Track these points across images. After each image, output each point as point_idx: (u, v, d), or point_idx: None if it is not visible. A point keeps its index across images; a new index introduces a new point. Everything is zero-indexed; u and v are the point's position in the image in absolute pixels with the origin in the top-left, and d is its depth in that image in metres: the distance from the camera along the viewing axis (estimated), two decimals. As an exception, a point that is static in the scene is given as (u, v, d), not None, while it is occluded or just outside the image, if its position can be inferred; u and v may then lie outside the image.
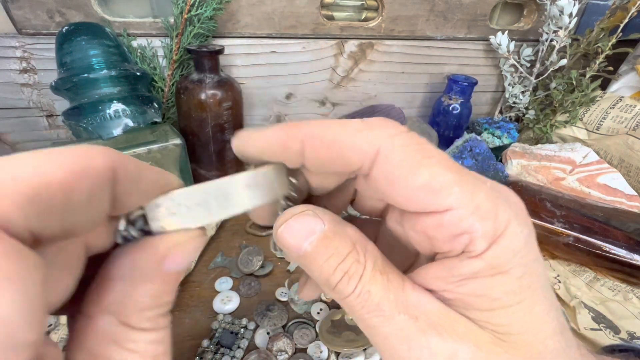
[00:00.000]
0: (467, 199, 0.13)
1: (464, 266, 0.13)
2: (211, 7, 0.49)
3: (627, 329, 0.36)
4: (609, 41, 0.59)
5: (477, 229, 0.13)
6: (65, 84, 0.44)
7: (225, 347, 0.33)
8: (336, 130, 0.14)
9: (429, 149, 0.13)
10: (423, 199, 0.13)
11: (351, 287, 0.14)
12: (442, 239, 0.13)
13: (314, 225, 0.14)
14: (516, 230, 0.13)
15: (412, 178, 0.13)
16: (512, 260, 0.13)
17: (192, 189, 0.13)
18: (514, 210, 0.13)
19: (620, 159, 0.57)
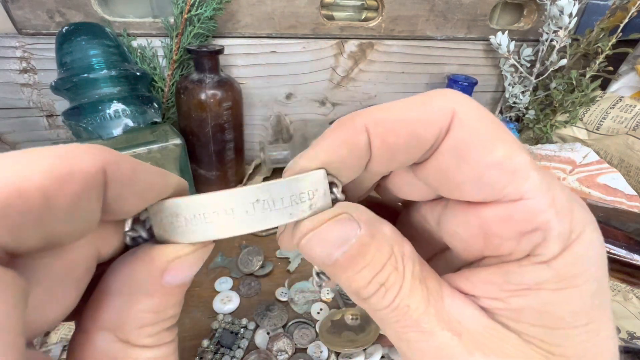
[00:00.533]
0: (544, 189, 0.11)
1: (526, 273, 0.11)
2: (211, 7, 0.49)
3: (627, 329, 0.36)
4: (609, 41, 0.59)
5: (554, 227, 0.10)
6: (65, 84, 0.44)
7: (225, 347, 0.33)
8: (402, 108, 0.12)
9: (501, 123, 0.12)
10: (496, 180, 0.11)
11: (387, 301, 0.12)
12: (506, 235, 0.11)
13: (350, 231, 0.12)
14: (592, 236, 0.11)
15: (487, 152, 0.11)
16: (585, 272, 0.11)
17: (219, 194, 0.12)
18: (587, 210, 0.11)
19: (620, 159, 0.57)
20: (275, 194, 0.12)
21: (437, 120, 0.11)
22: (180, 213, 0.12)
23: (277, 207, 0.12)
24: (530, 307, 0.11)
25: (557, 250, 0.11)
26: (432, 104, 0.12)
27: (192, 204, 0.12)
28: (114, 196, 0.10)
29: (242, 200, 0.12)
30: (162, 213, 0.12)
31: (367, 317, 0.35)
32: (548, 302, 0.11)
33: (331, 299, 0.38)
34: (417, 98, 0.12)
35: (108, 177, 0.10)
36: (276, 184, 0.12)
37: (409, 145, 0.12)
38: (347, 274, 0.12)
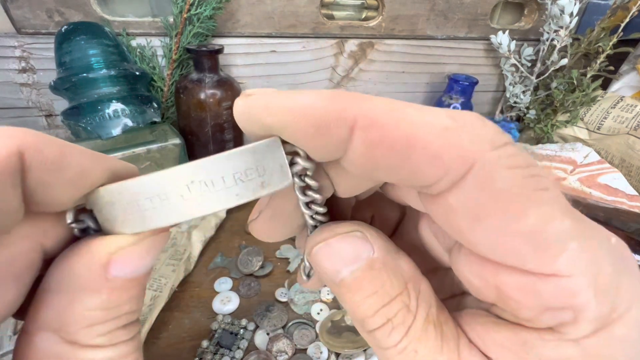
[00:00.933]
0: (585, 264, 0.09)
1: (547, 348, 0.09)
2: (211, 7, 0.49)
3: None
4: (610, 41, 0.59)
5: (590, 309, 0.09)
6: (65, 84, 0.44)
7: (224, 348, 0.33)
8: (412, 121, 0.09)
9: (542, 175, 0.09)
10: (521, 251, 0.09)
11: (394, 340, 0.11)
12: (527, 305, 0.09)
13: (361, 250, 0.11)
14: (638, 316, 0.09)
15: (512, 219, 0.09)
16: (619, 355, 0.09)
17: (148, 177, 0.10)
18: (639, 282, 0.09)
19: (621, 158, 0.57)
20: (213, 172, 0.10)
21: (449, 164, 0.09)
22: (114, 201, 0.10)
23: (217, 189, 0.10)
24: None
25: (588, 332, 0.09)
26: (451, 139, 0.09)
27: (124, 191, 0.10)
28: (38, 184, 0.09)
29: (174, 183, 0.10)
30: (99, 201, 0.11)
31: (367, 318, 0.34)
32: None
33: (331, 299, 0.38)
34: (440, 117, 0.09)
35: (27, 162, 0.09)
36: (213, 160, 0.10)
37: (400, 170, 0.10)
38: (354, 297, 0.11)
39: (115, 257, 0.10)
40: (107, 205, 0.11)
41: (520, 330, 0.10)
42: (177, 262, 0.39)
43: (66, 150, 0.10)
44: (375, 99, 0.10)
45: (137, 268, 0.11)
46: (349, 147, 0.10)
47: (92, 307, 0.10)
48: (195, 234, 0.42)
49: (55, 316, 0.10)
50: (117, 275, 0.10)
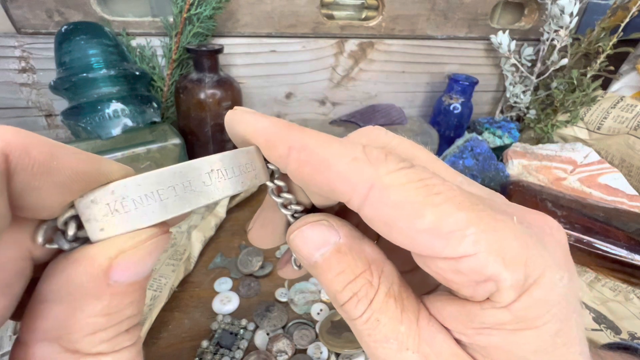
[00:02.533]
0: (488, 242, 0.10)
1: (486, 315, 0.11)
2: (210, 6, 0.49)
3: (628, 329, 0.36)
4: (610, 41, 0.59)
5: (504, 278, 0.10)
6: (64, 84, 0.44)
7: (224, 348, 0.33)
8: (330, 151, 0.12)
9: (436, 183, 0.11)
10: (430, 244, 0.11)
11: (359, 311, 0.12)
12: (461, 284, 0.11)
13: (329, 236, 0.13)
14: (553, 279, 0.11)
15: (413, 221, 0.11)
16: (546, 314, 0.11)
17: (141, 177, 0.11)
18: (551, 250, 0.11)
19: (622, 159, 0.57)
20: (228, 163, 0.13)
21: (353, 185, 0.12)
22: (127, 195, 0.11)
23: (230, 176, 0.13)
24: (494, 346, 0.11)
25: (512, 297, 0.11)
26: (356, 167, 0.12)
27: (141, 183, 0.11)
28: (25, 188, 0.09)
29: (198, 171, 0.12)
30: (102, 201, 0.10)
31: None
32: (509, 341, 0.11)
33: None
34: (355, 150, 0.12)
35: (12, 165, 0.08)
36: (228, 154, 0.13)
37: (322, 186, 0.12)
38: (326, 276, 0.13)
39: (116, 262, 0.10)
40: (117, 200, 0.10)
41: (466, 304, 0.12)
42: (177, 262, 0.39)
43: (57, 152, 0.09)
44: (316, 134, 0.13)
45: (138, 272, 0.11)
46: (288, 162, 0.13)
47: (94, 313, 0.10)
48: (195, 234, 0.42)
49: (55, 325, 0.10)
50: (119, 280, 0.10)
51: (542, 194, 0.45)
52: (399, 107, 0.64)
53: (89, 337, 0.10)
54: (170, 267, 0.38)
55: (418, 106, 0.71)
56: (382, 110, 0.64)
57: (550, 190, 0.46)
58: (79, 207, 0.11)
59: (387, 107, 0.64)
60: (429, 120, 0.68)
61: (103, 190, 0.10)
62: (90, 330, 0.10)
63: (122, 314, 0.11)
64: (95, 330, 0.10)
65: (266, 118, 0.13)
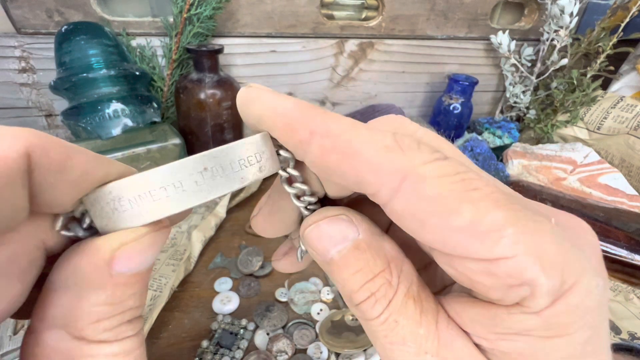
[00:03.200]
0: (526, 244, 0.10)
1: (514, 320, 0.11)
2: (211, 7, 0.49)
3: (628, 329, 0.36)
4: (610, 41, 0.59)
5: (542, 284, 0.10)
6: (64, 84, 0.44)
7: (224, 348, 0.33)
8: (358, 138, 0.11)
9: (473, 178, 0.11)
10: (465, 243, 0.10)
11: (376, 312, 0.12)
12: (491, 286, 0.11)
13: (347, 232, 0.12)
14: (590, 285, 0.10)
15: (449, 217, 0.10)
16: (578, 322, 0.10)
17: (143, 174, 0.11)
18: (589, 255, 0.11)
19: (621, 158, 0.57)
20: (224, 159, 0.12)
21: (384, 177, 0.11)
22: (122, 196, 0.11)
23: (226, 173, 0.12)
24: (519, 352, 0.11)
25: (546, 303, 0.10)
26: (389, 157, 0.11)
27: (134, 184, 0.11)
28: (43, 185, 0.10)
29: (191, 170, 0.11)
30: (103, 200, 0.11)
31: (367, 318, 0.34)
32: (536, 348, 0.11)
33: (331, 299, 0.38)
34: (385, 139, 0.11)
35: (33, 163, 0.09)
36: (224, 150, 0.12)
37: (347, 177, 0.11)
38: (341, 274, 0.12)
39: (118, 254, 0.11)
40: (112, 201, 0.11)
41: (491, 307, 0.11)
42: (177, 262, 0.39)
43: (71, 152, 0.10)
44: (341, 118, 0.12)
45: (139, 264, 0.11)
46: (308, 149, 0.12)
47: (98, 302, 0.11)
48: (195, 234, 0.42)
49: (63, 313, 0.11)
50: (121, 270, 0.11)
51: (542, 194, 0.45)
52: (399, 107, 0.64)
53: (94, 325, 0.11)
54: (171, 267, 0.38)
55: (418, 106, 0.71)
56: (382, 110, 0.64)
57: (550, 190, 0.46)
58: (87, 203, 0.11)
59: (387, 107, 0.64)
60: (429, 120, 0.68)
61: (107, 189, 0.11)
62: (95, 318, 0.11)
63: (124, 304, 0.11)
64: (99, 319, 0.11)
65: (286, 98, 0.12)
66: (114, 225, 0.11)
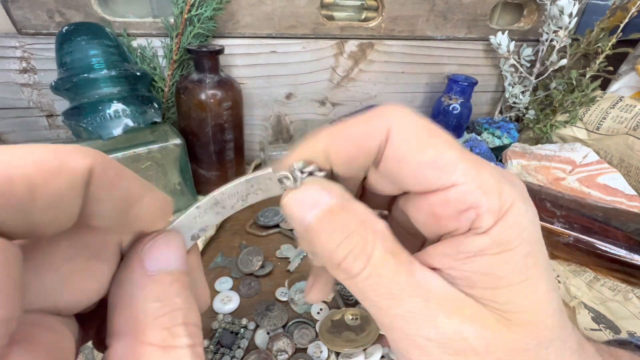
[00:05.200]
0: (471, 175, 0.13)
1: (470, 243, 0.13)
2: (211, 7, 0.49)
3: (628, 329, 0.36)
4: (609, 41, 0.59)
5: (483, 204, 0.13)
6: (65, 84, 0.44)
7: (225, 347, 0.33)
8: (350, 127, 0.15)
9: (435, 129, 0.14)
10: (429, 175, 0.13)
11: (358, 267, 0.13)
12: (448, 215, 0.13)
13: (320, 197, 0.14)
14: (521, 208, 0.13)
15: (419, 155, 0.13)
16: (518, 237, 0.13)
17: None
18: (518, 190, 0.14)
19: (620, 159, 0.57)
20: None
21: (376, 134, 0.14)
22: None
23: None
24: (478, 271, 0.13)
25: (491, 222, 0.13)
26: (374, 122, 0.14)
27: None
28: (95, 197, 0.11)
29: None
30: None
31: (367, 317, 0.35)
32: (490, 264, 0.13)
33: (331, 299, 0.38)
34: (366, 115, 0.15)
35: (93, 178, 0.10)
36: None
37: (358, 155, 0.15)
38: (319, 237, 0.14)
39: (146, 252, 0.13)
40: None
41: (454, 239, 0.14)
42: (178, 262, 0.39)
43: (123, 174, 0.11)
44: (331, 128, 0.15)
45: (168, 262, 0.13)
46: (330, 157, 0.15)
47: (147, 299, 0.12)
48: (195, 233, 0.42)
49: (125, 320, 0.12)
50: (153, 268, 0.12)
51: (541, 194, 0.45)
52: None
53: (152, 322, 0.12)
54: (171, 266, 0.39)
55: (417, 106, 0.71)
56: (381, 110, 0.64)
57: (549, 190, 0.46)
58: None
59: (386, 108, 0.64)
60: (429, 120, 0.68)
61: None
62: (151, 315, 0.12)
63: (171, 301, 0.12)
64: (155, 316, 0.12)
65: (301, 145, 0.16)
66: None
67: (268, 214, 0.49)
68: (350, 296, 0.38)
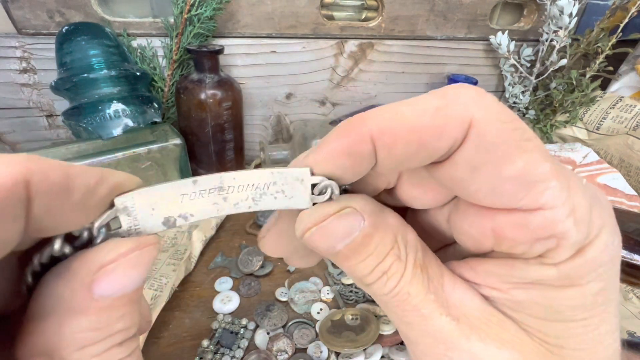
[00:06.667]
0: (564, 197, 0.10)
1: (531, 271, 0.11)
2: (211, 7, 0.49)
3: (628, 328, 0.36)
4: (609, 41, 0.59)
5: (571, 236, 0.10)
6: (65, 84, 0.44)
7: (225, 347, 0.33)
8: (412, 114, 0.11)
9: (525, 127, 0.11)
10: (512, 191, 0.10)
11: (389, 288, 0.12)
12: (520, 240, 0.11)
13: (354, 224, 0.12)
14: (607, 241, 0.11)
15: (505, 165, 0.10)
16: (592, 273, 0.11)
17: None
18: (607, 214, 0.11)
19: (621, 159, 0.57)
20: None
21: (452, 131, 0.10)
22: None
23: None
24: (531, 300, 0.11)
25: (567, 256, 0.11)
26: (448, 112, 0.11)
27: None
28: (49, 209, 0.09)
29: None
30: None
31: (367, 317, 0.35)
32: (550, 297, 0.11)
33: (331, 299, 0.38)
34: (431, 101, 0.11)
35: (33, 190, 0.09)
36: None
37: (417, 155, 0.11)
38: (350, 263, 0.12)
39: (98, 277, 0.10)
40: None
41: (509, 260, 0.12)
42: (178, 262, 0.39)
43: (71, 172, 0.10)
44: (376, 111, 0.12)
45: (124, 285, 0.10)
46: (377, 155, 0.11)
47: (82, 328, 0.10)
48: (195, 233, 0.42)
49: (45, 341, 0.10)
50: (104, 294, 0.10)
51: (541, 194, 0.45)
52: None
53: (80, 352, 0.10)
54: (171, 266, 0.39)
55: (418, 106, 0.71)
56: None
57: (550, 190, 0.46)
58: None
59: (386, 108, 0.64)
60: (429, 120, 0.68)
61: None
62: (79, 345, 0.10)
63: (112, 327, 0.10)
64: (84, 345, 0.10)
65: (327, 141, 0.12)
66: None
67: (268, 214, 0.49)
68: (350, 296, 0.38)
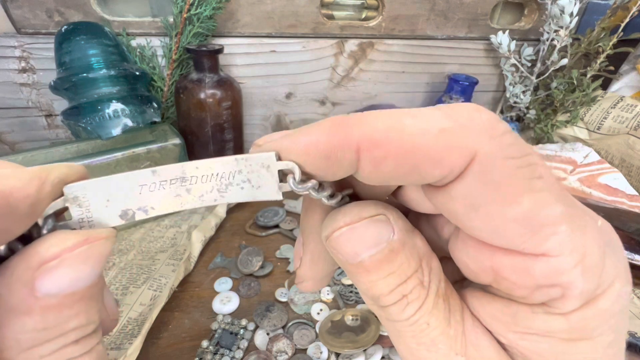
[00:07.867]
0: (572, 245, 0.09)
1: (537, 320, 0.10)
2: (211, 7, 0.49)
3: (628, 329, 0.36)
4: (610, 41, 0.59)
5: (577, 287, 0.09)
6: (64, 84, 0.44)
7: (224, 348, 0.33)
8: (411, 133, 0.10)
9: (538, 163, 0.10)
10: (514, 233, 0.09)
11: (407, 314, 0.11)
12: (520, 284, 0.10)
13: (384, 234, 0.11)
14: (619, 292, 0.10)
15: (508, 205, 0.09)
16: (603, 325, 0.10)
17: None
18: (622, 264, 0.10)
19: (622, 158, 0.57)
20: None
21: (452, 162, 0.09)
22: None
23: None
24: (540, 353, 0.10)
25: (575, 306, 0.10)
26: (452, 138, 0.09)
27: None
28: None
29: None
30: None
31: (367, 318, 0.34)
32: (559, 350, 0.10)
33: (331, 299, 0.38)
34: (437, 120, 0.10)
35: None
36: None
37: (406, 177, 0.10)
38: (370, 277, 0.11)
39: (40, 274, 0.09)
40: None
41: (512, 304, 0.11)
42: (177, 262, 0.39)
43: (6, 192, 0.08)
44: (373, 117, 0.10)
45: (72, 282, 0.09)
46: (359, 166, 0.10)
47: (26, 329, 0.09)
48: (195, 234, 0.42)
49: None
50: (49, 292, 0.09)
51: (542, 194, 0.45)
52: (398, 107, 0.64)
53: (25, 354, 0.09)
54: (171, 267, 0.38)
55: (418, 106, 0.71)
56: (382, 110, 0.64)
57: (550, 190, 0.46)
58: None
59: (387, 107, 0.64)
60: (429, 120, 0.68)
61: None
62: (25, 346, 0.09)
63: (64, 326, 0.10)
64: (31, 346, 0.09)
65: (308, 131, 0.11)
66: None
67: (268, 214, 0.49)
68: (350, 297, 0.38)
